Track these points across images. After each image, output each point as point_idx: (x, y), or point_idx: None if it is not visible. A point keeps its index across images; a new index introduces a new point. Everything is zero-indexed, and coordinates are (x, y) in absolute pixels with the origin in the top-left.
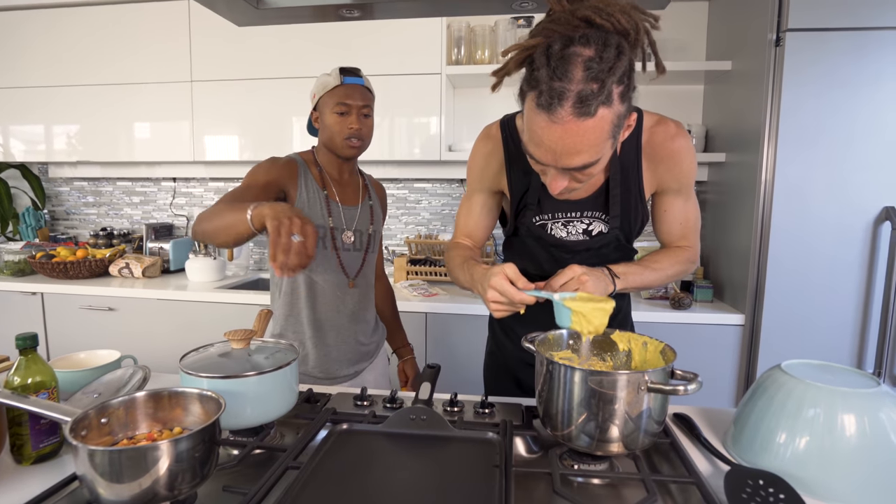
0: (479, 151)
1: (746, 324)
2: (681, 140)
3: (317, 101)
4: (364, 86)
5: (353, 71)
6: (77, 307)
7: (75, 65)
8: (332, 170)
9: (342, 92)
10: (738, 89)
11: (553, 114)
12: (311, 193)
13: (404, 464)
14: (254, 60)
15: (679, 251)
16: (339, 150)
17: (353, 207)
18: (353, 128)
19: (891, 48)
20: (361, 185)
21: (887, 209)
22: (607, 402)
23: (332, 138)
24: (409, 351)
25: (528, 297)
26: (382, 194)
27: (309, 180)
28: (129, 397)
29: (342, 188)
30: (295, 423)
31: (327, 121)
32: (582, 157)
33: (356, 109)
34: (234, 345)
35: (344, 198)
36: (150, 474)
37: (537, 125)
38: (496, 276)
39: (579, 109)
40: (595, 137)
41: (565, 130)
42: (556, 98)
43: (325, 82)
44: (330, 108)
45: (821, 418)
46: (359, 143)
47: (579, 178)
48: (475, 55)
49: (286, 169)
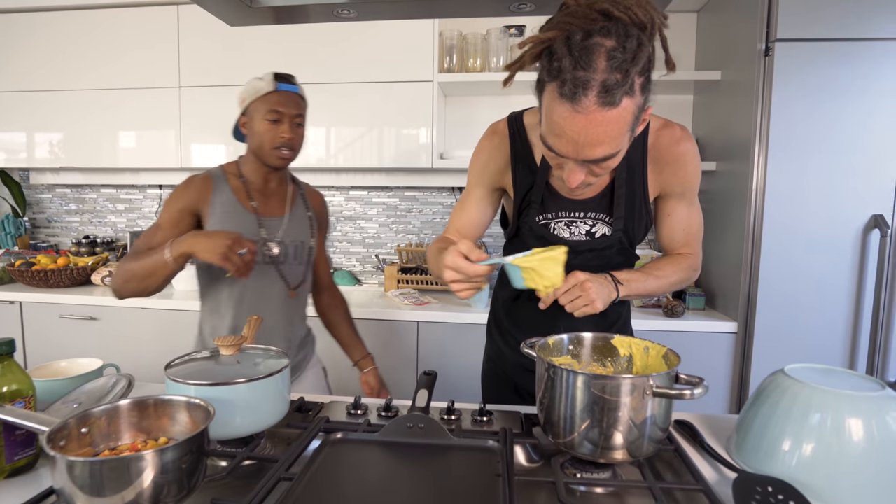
0: (485, 146)
1: (739, 331)
2: (686, 144)
3: (246, 105)
4: (298, 94)
5: (287, 77)
6: (57, 317)
7: (59, 69)
8: (257, 179)
9: (275, 99)
10: (728, 99)
11: (577, 103)
12: (227, 208)
13: (402, 474)
14: (243, 66)
15: (682, 258)
16: (267, 159)
17: (279, 218)
18: (285, 137)
19: (879, 59)
20: (290, 195)
21: (875, 217)
22: (611, 408)
23: (262, 146)
24: (370, 362)
25: (481, 268)
26: (320, 204)
27: (225, 194)
28: (112, 406)
29: (266, 199)
30: (286, 432)
31: (257, 128)
32: (604, 147)
33: (289, 118)
34: (223, 351)
35: (267, 209)
36: (134, 487)
37: (559, 115)
38: (450, 253)
39: (604, 98)
40: (618, 128)
41: (589, 120)
42: (581, 87)
43: (256, 87)
44: (261, 114)
45: (828, 423)
46: (289, 153)
47: (597, 171)
48: (467, 63)
49: (198, 189)
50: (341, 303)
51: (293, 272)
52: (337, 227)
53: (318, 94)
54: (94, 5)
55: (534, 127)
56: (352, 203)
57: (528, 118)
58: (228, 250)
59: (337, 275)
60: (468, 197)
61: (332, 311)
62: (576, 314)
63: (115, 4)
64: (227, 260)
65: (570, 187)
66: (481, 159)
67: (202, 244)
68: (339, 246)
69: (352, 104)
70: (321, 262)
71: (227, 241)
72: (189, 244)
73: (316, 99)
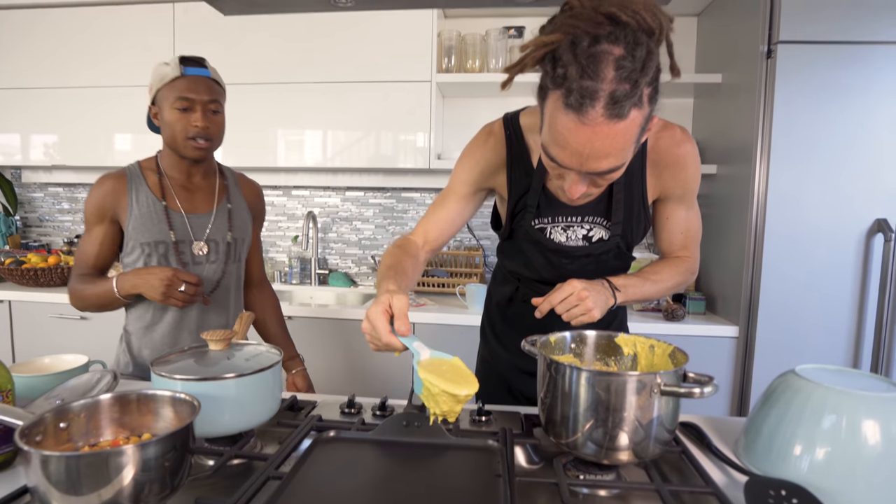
0: (478, 146)
1: (740, 335)
2: (687, 146)
3: (154, 94)
4: (210, 77)
5: (196, 60)
6: (47, 316)
7: (53, 67)
8: (177, 174)
9: (183, 85)
10: (729, 102)
11: (583, 115)
12: (145, 207)
13: (397, 474)
14: (238, 65)
15: (679, 262)
16: (182, 151)
17: (205, 215)
18: (198, 126)
19: (881, 62)
20: (219, 188)
21: (879, 221)
22: (616, 407)
23: (174, 138)
24: (298, 363)
25: (395, 343)
26: (255, 195)
27: (141, 193)
28: (92, 400)
29: (190, 194)
30: (277, 431)
31: (167, 118)
32: (609, 161)
33: (201, 105)
34: (212, 346)
35: (191, 205)
36: (113, 485)
37: (563, 126)
38: (377, 305)
39: (612, 111)
40: (624, 140)
41: (595, 133)
42: (588, 98)
43: (162, 73)
44: (170, 102)
45: (843, 425)
46: (206, 143)
47: (600, 182)
48: (466, 64)
49: (112, 190)
50: (272, 300)
51: (216, 274)
52: (333, 228)
53: (316, 93)
54: (90, 2)
55: (531, 128)
56: (348, 204)
57: (525, 119)
58: (168, 289)
59: (332, 276)
60: (450, 195)
61: (262, 308)
62: (573, 323)
63: (110, 2)
64: (169, 298)
65: (570, 198)
66: (472, 159)
67: (143, 286)
68: (335, 247)
69: (349, 104)
70: (254, 256)
71: (165, 280)
72: (132, 285)
73: (313, 99)
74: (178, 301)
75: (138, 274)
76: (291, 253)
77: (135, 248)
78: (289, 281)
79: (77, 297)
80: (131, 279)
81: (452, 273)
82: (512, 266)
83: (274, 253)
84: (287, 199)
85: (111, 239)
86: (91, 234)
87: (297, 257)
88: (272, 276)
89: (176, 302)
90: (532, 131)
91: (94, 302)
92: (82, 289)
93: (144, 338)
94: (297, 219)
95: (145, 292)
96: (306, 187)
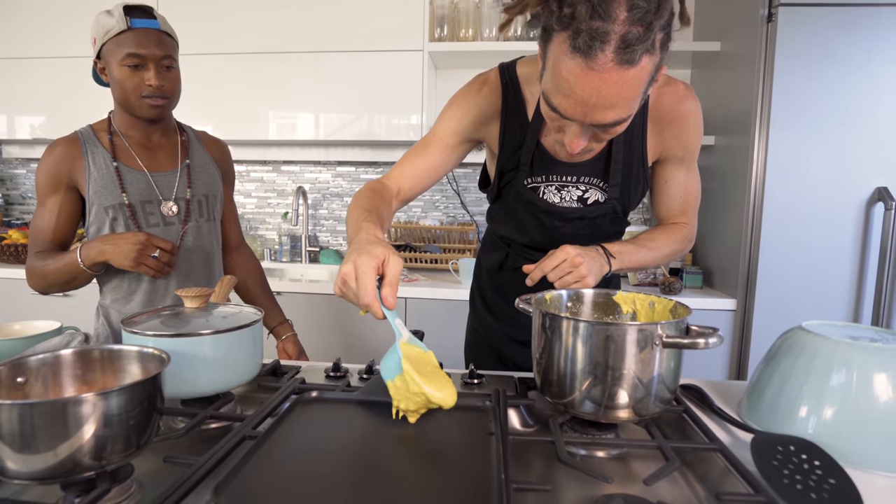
0: (471, 94)
1: (738, 308)
2: (690, 102)
3: (99, 48)
4: (161, 30)
5: (143, 9)
6: (29, 293)
7: (36, 37)
8: (134, 133)
9: (132, 39)
10: (728, 71)
11: (591, 59)
12: (104, 169)
13: (383, 433)
14: (224, 36)
15: (675, 228)
16: (136, 111)
17: (170, 173)
18: (152, 84)
19: (884, 25)
20: (181, 145)
21: (879, 189)
22: (616, 360)
23: (126, 97)
24: (287, 328)
25: (377, 309)
26: (221, 152)
27: (98, 154)
28: (53, 354)
29: (151, 153)
30: (258, 396)
31: (117, 75)
32: (615, 111)
33: (154, 61)
34: (188, 303)
35: (155, 164)
36: (71, 441)
37: (569, 71)
38: (368, 257)
39: (622, 56)
40: (633, 90)
41: (603, 80)
42: (598, 40)
43: (105, 24)
44: (118, 59)
45: (854, 379)
46: (163, 101)
47: (602, 136)
48: (459, 34)
49: (65, 155)
50: (253, 263)
51: (201, 230)
52: (324, 204)
53: (305, 63)
54: None
55: (528, 78)
56: (339, 180)
57: (522, 68)
58: (139, 255)
59: (323, 253)
60: (433, 143)
61: (243, 273)
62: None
63: None
64: (140, 265)
65: (570, 153)
66: (463, 107)
67: (111, 252)
68: (327, 224)
69: (340, 75)
70: (229, 218)
71: (137, 245)
72: (98, 251)
73: (302, 69)
74: (149, 269)
75: (106, 240)
76: (281, 230)
77: (98, 213)
78: (279, 259)
79: (37, 276)
80: (97, 245)
81: (446, 249)
82: (502, 230)
83: (264, 230)
84: (277, 175)
85: (70, 208)
86: (46, 206)
87: (287, 234)
88: (262, 254)
89: (147, 270)
90: (529, 82)
91: (56, 278)
92: (42, 265)
93: (124, 308)
94: (286, 195)
95: (113, 259)
96: (296, 162)
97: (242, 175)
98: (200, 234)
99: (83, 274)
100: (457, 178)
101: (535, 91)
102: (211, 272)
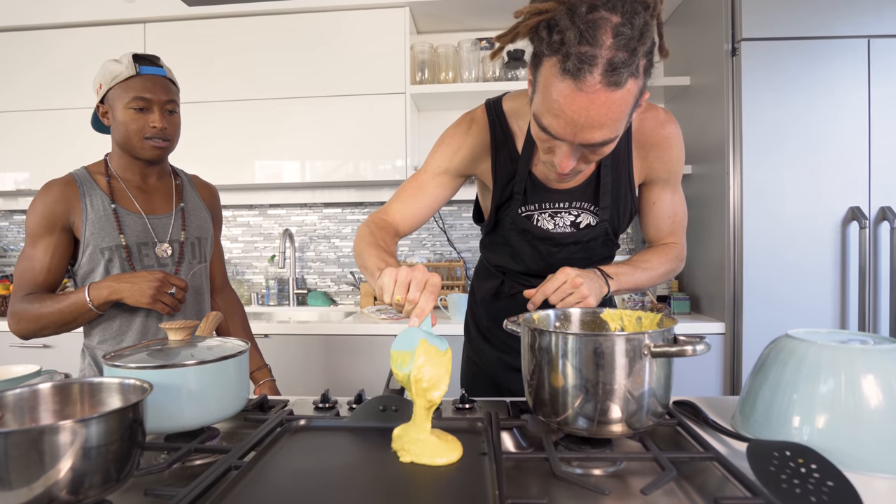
0: (460, 133)
1: (727, 331)
2: (671, 126)
3: (104, 93)
4: (167, 77)
5: (150, 59)
6: (7, 345)
7: (20, 90)
8: (131, 176)
9: (139, 84)
10: (699, 103)
11: (581, 80)
12: (101, 210)
13: (372, 459)
14: (211, 83)
15: (667, 248)
16: (138, 153)
17: (165, 216)
18: (157, 126)
19: (842, 56)
20: (175, 189)
21: (853, 209)
22: (607, 372)
23: (129, 139)
24: (266, 373)
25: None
26: (211, 195)
27: (95, 196)
28: (30, 388)
29: (148, 196)
30: (244, 432)
31: (121, 117)
32: (603, 131)
33: (159, 105)
34: (172, 335)
35: (151, 207)
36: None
37: (559, 93)
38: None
39: (609, 78)
40: (619, 111)
41: (591, 100)
42: (586, 63)
43: (113, 71)
44: (124, 103)
45: (843, 381)
46: (165, 143)
47: (591, 157)
48: (439, 76)
49: (62, 196)
50: (236, 305)
51: (193, 272)
52: (311, 246)
53: (292, 107)
54: (60, 24)
55: (514, 113)
56: (325, 222)
57: (508, 103)
58: (157, 292)
59: (311, 296)
60: (428, 179)
61: (226, 313)
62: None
63: (81, 24)
64: (157, 302)
65: (559, 172)
66: (453, 146)
67: (127, 290)
68: (314, 266)
69: (324, 119)
70: (216, 260)
71: (155, 283)
72: (112, 290)
73: (289, 113)
74: (165, 306)
75: (120, 279)
76: (269, 274)
77: (93, 255)
78: (266, 303)
79: (27, 319)
80: (110, 284)
81: None
82: (497, 260)
83: (251, 275)
84: (263, 219)
85: (63, 250)
86: (38, 247)
87: (274, 278)
88: (249, 298)
89: (164, 307)
90: (515, 116)
91: (55, 319)
92: (36, 307)
93: (113, 348)
94: (273, 239)
95: (129, 297)
96: (283, 205)
97: (229, 220)
98: (193, 275)
99: (88, 314)
100: (443, 217)
101: (523, 124)
102: (201, 312)
